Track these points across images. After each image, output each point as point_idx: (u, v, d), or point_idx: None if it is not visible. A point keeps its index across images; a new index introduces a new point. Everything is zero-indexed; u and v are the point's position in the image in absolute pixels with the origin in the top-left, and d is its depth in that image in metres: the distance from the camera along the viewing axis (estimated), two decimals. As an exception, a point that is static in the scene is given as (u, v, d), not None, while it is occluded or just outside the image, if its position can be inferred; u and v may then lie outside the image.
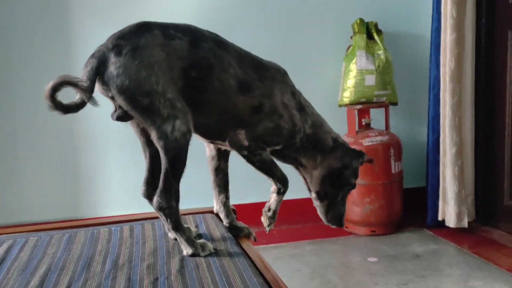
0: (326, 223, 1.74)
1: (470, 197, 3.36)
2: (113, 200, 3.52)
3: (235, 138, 1.55)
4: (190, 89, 1.44)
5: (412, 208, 3.66)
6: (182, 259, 1.43)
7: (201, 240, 1.52)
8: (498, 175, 3.37)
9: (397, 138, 3.43)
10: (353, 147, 3.30)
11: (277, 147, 1.62)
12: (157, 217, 1.70)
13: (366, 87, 3.36)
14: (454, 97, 3.22)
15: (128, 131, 1.59)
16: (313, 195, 1.70)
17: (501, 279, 2.64)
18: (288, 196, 3.58)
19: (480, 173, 3.43)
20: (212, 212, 1.83)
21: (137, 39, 1.38)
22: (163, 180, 1.42)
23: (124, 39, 1.38)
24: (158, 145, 1.40)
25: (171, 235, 1.58)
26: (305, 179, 1.72)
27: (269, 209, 1.67)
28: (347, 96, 3.39)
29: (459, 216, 3.28)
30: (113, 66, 1.35)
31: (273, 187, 1.64)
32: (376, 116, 3.50)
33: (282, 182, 1.61)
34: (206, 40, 1.48)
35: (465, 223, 3.29)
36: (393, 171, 3.34)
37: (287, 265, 2.96)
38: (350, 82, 3.37)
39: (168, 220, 1.45)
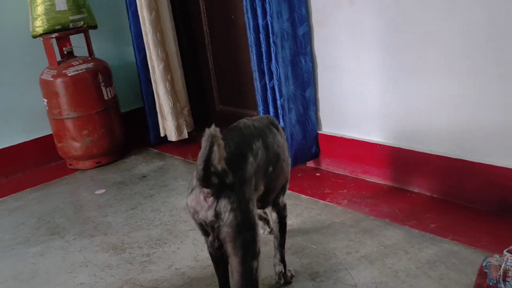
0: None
1: (186, 109, 3.47)
2: None
3: (282, 201, 1.80)
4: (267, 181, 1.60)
5: (134, 130, 3.66)
6: None
7: None
8: (207, 82, 3.53)
9: (104, 63, 3.29)
10: (58, 79, 3.09)
11: None
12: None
13: (59, 13, 3.08)
14: (152, 13, 3.17)
15: None
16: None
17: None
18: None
19: (191, 83, 3.56)
20: None
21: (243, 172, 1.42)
22: None
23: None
24: (240, 279, 1.39)
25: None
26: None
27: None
28: (39, 25, 3.07)
29: (178, 129, 3.38)
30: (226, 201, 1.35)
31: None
32: (78, 43, 3.28)
33: None
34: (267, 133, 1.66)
35: (185, 135, 3.41)
36: (106, 98, 3.22)
37: (8, 220, 2.69)
38: (39, 9, 3.05)
39: None
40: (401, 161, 2.42)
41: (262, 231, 2.16)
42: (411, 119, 2.34)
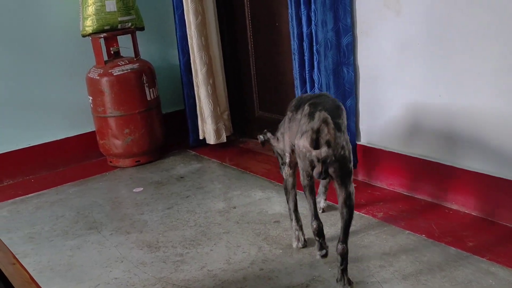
0: None
1: (226, 113, 3.51)
2: None
3: None
4: None
5: (174, 132, 3.71)
6: None
7: None
8: (247, 88, 3.56)
9: (149, 64, 3.36)
10: (104, 78, 3.18)
11: None
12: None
13: (108, 14, 3.17)
14: (198, 17, 3.23)
15: None
16: None
17: (255, 185, 2.85)
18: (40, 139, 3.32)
19: (232, 88, 3.59)
20: None
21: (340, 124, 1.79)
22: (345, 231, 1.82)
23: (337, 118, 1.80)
24: (345, 203, 1.79)
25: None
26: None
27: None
28: (89, 24, 3.17)
29: (217, 133, 3.41)
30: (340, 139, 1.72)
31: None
32: (125, 44, 3.36)
33: None
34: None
35: (223, 139, 3.44)
36: (148, 98, 3.29)
37: (49, 212, 2.77)
38: (90, 9, 3.14)
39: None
40: (441, 176, 2.38)
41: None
42: (454, 135, 2.30)
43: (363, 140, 2.71)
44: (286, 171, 2.12)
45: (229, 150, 3.49)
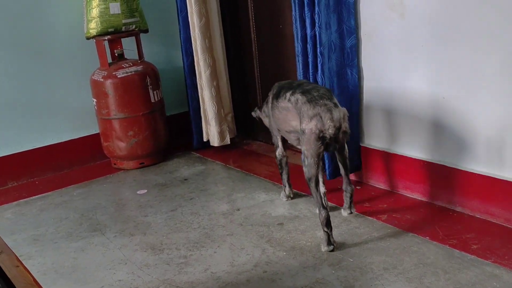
0: None
1: (230, 115, 3.51)
2: None
3: None
4: None
5: (178, 134, 3.71)
6: None
7: None
8: (251, 90, 3.56)
9: (153, 66, 3.37)
10: (108, 80, 3.18)
11: None
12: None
13: (112, 16, 3.18)
14: (201, 19, 3.23)
15: None
16: None
17: (259, 187, 2.85)
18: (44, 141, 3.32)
19: (236, 90, 3.59)
20: None
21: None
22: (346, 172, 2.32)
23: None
24: (346, 154, 2.25)
25: None
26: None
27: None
28: (93, 27, 3.18)
29: (221, 135, 3.41)
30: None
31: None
32: (129, 46, 3.37)
33: None
34: None
35: (227, 141, 3.44)
36: (152, 100, 3.29)
37: (53, 214, 2.78)
38: (94, 11, 3.15)
39: None
40: (444, 179, 2.37)
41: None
42: (457, 136, 2.29)
43: (367, 142, 2.70)
44: (279, 152, 2.54)
45: (233, 152, 3.49)
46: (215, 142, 3.42)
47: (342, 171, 2.30)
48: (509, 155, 2.12)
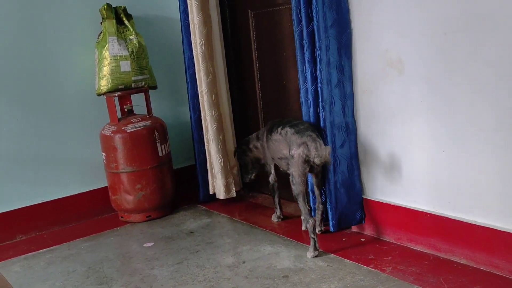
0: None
1: (236, 168, 3.56)
2: None
3: None
4: None
5: (185, 187, 3.77)
6: None
7: None
8: (257, 144, 3.63)
9: (161, 121, 3.46)
10: (117, 135, 3.27)
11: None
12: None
13: (123, 73, 3.30)
14: (208, 76, 3.34)
15: None
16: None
17: (264, 239, 2.87)
18: (53, 195, 3.37)
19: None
20: None
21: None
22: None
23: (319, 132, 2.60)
24: (323, 178, 2.69)
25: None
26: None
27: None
28: (104, 84, 3.30)
29: (227, 188, 3.46)
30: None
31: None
32: (138, 102, 3.48)
33: None
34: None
35: (233, 193, 3.49)
36: (160, 154, 3.37)
37: (60, 268, 2.80)
38: (105, 69, 3.28)
39: None
40: (448, 231, 2.39)
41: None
42: (458, 189, 2.33)
43: (370, 195, 2.74)
44: (272, 178, 3.04)
45: (239, 204, 3.53)
46: (221, 195, 3.46)
47: (315, 187, 2.72)
48: None
